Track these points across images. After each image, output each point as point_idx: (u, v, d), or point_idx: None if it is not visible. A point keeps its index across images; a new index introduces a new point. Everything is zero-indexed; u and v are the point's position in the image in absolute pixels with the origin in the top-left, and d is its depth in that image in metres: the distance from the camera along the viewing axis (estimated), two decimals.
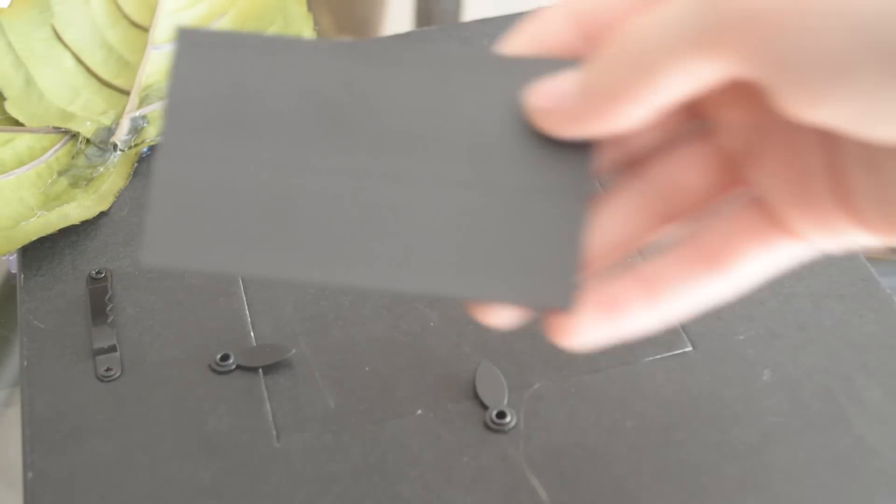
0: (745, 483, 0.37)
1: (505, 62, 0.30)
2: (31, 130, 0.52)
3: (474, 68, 0.30)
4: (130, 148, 0.51)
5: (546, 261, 0.30)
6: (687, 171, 0.30)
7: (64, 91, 0.54)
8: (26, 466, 0.38)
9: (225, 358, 0.41)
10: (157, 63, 0.55)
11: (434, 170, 0.31)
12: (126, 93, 0.54)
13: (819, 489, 0.37)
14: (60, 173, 0.50)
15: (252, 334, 0.42)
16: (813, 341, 0.42)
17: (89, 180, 0.49)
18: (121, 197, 0.49)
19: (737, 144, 0.30)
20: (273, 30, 0.57)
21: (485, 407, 0.39)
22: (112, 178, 0.49)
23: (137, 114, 0.53)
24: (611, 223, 0.30)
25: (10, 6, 0.56)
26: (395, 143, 0.30)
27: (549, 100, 0.29)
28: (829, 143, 0.28)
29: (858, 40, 0.23)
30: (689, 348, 0.41)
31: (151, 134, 0.52)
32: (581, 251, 0.30)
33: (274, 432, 0.39)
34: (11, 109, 0.52)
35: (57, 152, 0.51)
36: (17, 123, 0.52)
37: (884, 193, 0.27)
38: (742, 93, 0.27)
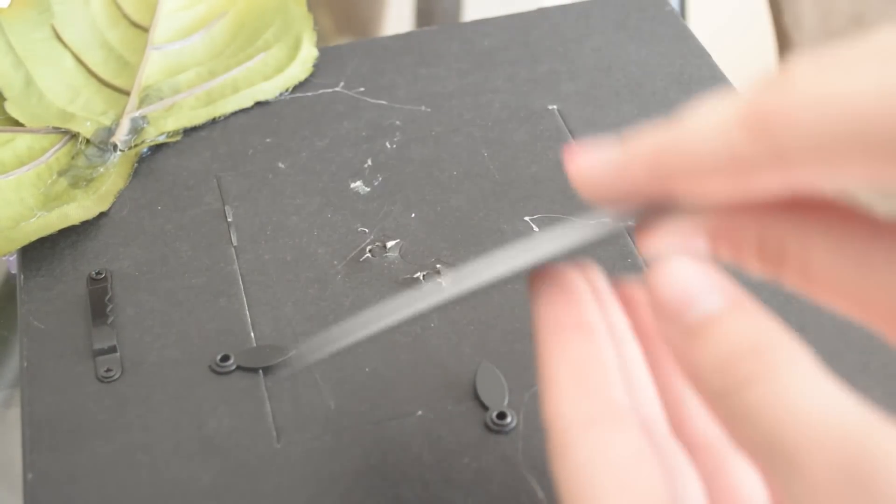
0: None
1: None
2: (31, 130, 0.52)
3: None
4: (130, 148, 0.51)
5: None
6: None
7: (64, 91, 0.54)
8: (26, 467, 0.38)
9: (225, 359, 0.41)
10: (157, 63, 0.55)
11: None
12: (126, 93, 0.54)
13: None
14: (60, 173, 0.50)
15: (252, 335, 0.42)
16: (813, 341, 0.41)
17: (89, 180, 0.49)
18: (121, 197, 0.49)
19: None
20: (273, 30, 0.56)
21: (485, 408, 0.39)
22: (112, 179, 0.49)
23: (137, 114, 0.53)
24: None
25: (10, 6, 0.56)
26: None
27: (589, 184, 0.28)
28: None
29: None
30: None
31: (151, 134, 0.52)
32: None
33: (274, 433, 0.39)
34: (11, 109, 0.52)
35: (57, 152, 0.51)
36: (17, 123, 0.52)
37: None
38: None
